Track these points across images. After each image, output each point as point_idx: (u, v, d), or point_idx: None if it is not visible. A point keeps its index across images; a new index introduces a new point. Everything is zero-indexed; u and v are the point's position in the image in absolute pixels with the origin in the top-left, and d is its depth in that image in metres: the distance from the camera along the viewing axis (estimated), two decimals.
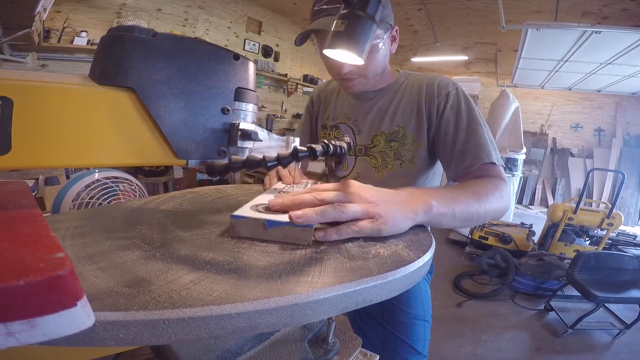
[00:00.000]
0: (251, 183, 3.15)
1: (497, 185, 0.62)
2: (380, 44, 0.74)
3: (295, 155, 0.36)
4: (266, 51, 5.30)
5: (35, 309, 0.16)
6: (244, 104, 0.37)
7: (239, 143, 0.37)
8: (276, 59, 5.49)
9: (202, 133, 0.35)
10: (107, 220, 0.44)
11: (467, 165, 0.67)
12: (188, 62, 0.33)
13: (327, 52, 0.50)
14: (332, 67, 0.75)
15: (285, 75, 5.48)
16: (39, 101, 0.26)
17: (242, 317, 0.24)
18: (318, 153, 0.38)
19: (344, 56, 0.50)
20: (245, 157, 0.36)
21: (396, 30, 0.80)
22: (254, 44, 5.15)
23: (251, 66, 0.38)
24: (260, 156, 0.35)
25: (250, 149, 0.40)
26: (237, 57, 0.36)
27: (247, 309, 0.24)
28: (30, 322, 0.17)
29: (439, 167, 0.83)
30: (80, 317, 0.18)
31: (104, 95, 0.29)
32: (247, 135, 0.37)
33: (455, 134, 0.71)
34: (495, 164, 0.67)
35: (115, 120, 0.30)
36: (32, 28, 2.45)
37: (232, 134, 0.37)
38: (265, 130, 0.41)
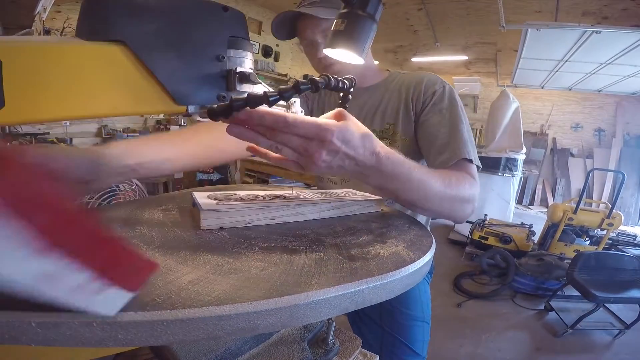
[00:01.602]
0: (251, 183, 3.15)
1: (469, 181, 0.62)
2: None
3: (297, 87, 0.36)
4: (266, 51, 5.30)
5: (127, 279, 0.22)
6: (239, 51, 0.37)
7: (238, 87, 0.37)
8: (276, 59, 5.50)
9: (199, 79, 0.35)
10: (107, 220, 0.44)
11: (445, 160, 0.68)
12: (176, 15, 0.33)
13: (327, 51, 0.50)
14: (312, 55, 0.79)
15: (285, 75, 5.48)
16: (28, 60, 0.27)
17: (242, 317, 0.24)
18: (320, 85, 0.38)
19: (344, 55, 0.50)
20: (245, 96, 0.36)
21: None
22: (254, 44, 5.15)
23: (242, 17, 0.38)
24: (262, 92, 0.35)
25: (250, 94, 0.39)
26: (226, 8, 0.36)
27: (246, 310, 0.24)
28: (104, 286, 0.20)
29: None
30: (119, 299, 0.22)
31: (95, 50, 0.30)
32: (246, 78, 0.37)
33: (437, 129, 0.72)
34: (472, 161, 0.67)
35: (109, 72, 0.30)
36: (32, 28, 2.45)
37: (230, 80, 0.37)
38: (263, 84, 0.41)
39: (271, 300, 0.25)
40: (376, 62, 0.90)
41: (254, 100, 0.34)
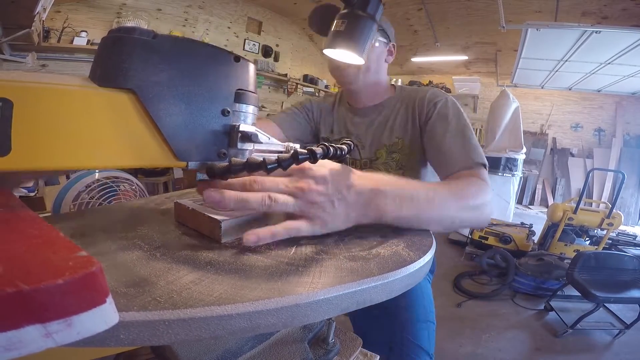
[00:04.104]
0: None
1: (478, 185, 0.60)
2: (381, 46, 0.81)
3: (295, 157, 0.36)
4: (266, 51, 5.30)
5: (71, 307, 0.17)
6: (244, 105, 0.37)
7: (239, 145, 0.37)
8: (276, 59, 5.50)
9: (202, 135, 0.35)
10: (107, 220, 0.44)
11: (457, 169, 0.69)
12: (188, 64, 0.33)
13: (327, 51, 0.50)
14: (330, 60, 0.79)
15: (285, 75, 5.48)
16: (38, 103, 0.26)
17: (243, 317, 0.24)
18: (318, 155, 0.38)
19: (344, 56, 0.50)
20: (245, 160, 0.36)
21: (393, 46, 0.87)
22: (254, 44, 5.15)
23: (251, 67, 0.38)
24: (261, 158, 0.35)
25: (250, 151, 0.40)
26: (237, 58, 0.36)
27: (247, 310, 0.24)
28: (67, 321, 0.17)
29: None
30: (109, 313, 0.19)
31: (104, 97, 0.29)
32: (247, 137, 0.37)
33: (442, 138, 0.74)
34: (482, 165, 0.68)
35: (115, 122, 0.30)
36: (32, 28, 2.45)
37: (232, 136, 0.37)
38: (265, 133, 0.41)
39: (272, 300, 0.25)
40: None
41: (252, 166, 0.35)
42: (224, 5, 4.70)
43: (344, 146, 0.44)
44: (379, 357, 0.53)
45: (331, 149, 0.41)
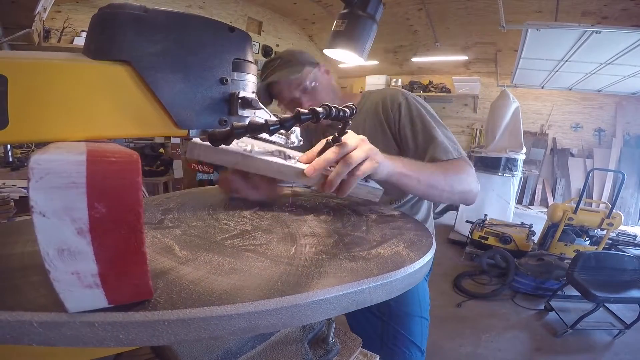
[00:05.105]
0: None
1: (461, 162, 0.70)
2: (312, 84, 0.84)
3: (297, 117, 0.36)
4: (266, 51, 5.30)
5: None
6: (242, 74, 0.37)
7: (240, 112, 0.37)
8: None
9: (202, 103, 0.35)
10: None
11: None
12: (183, 35, 0.33)
13: (328, 51, 0.50)
14: (282, 97, 0.84)
15: None
16: (33, 77, 0.26)
17: (243, 317, 0.24)
18: (321, 115, 0.38)
19: (345, 56, 0.50)
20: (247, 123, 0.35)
21: (322, 65, 0.88)
22: (254, 44, 5.15)
23: (248, 38, 0.38)
24: (263, 120, 0.35)
25: (251, 119, 0.39)
26: (232, 29, 0.36)
27: (247, 310, 0.24)
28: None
29: None
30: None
31: (99, 69, 0.29)
32: (248, 103, 0.37)
33: (413, 140, 0.77)
34: (454, 158, 0.72)
35: (112, 93, 0.30)
36: (32, 28, 2.45)
37: (232, 104, 0.36)
38: (265, 109, 0.40)
39: (272, 300, 0.25)
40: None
41: (255, 128, 0.34)
42: (224, 5, 4.69)
43: (346, 109, 0.44)
44: (378, 357, 0.53)
45: (333, 109, 0.40)
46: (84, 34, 3.32)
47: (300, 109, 0.37)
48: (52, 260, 0.20)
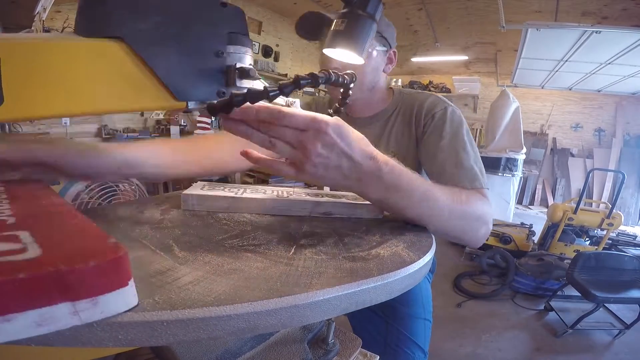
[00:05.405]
0: (251, 183, 3.15)
1: (480, 198, 0.56)
2: (381, 56, 0.77)
3: (297, 82, 0.36)
4: (266, 51, 5.30)
5: (99, 287, 0.19)
6: (238, 47, 0.37)
7: (238, 82, 0.37)
8: (276, 59, 5.49)
9: (199, 75, 0.35)
10: (107, 220, 0.44)
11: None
12: (174, 11, 0.33)
13: (327, 51, 0.50)
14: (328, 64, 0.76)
15: (286, 75, 5.48)
16: (26, 57, 0.27)
17: (242, 318, 0.24)
18: (320, 80, 0.38)
19: (344, 55, 0.50)
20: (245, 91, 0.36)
21: (394, 53, 0.82)
22: (254, 44, 5.14)
23: (241, 13, 0.38)
24: (262, 87, 0.35)
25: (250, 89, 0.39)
26: (224, 4, 0.36)
27: (246, 310, 0.24)
28: (94, 300, 0.19)
29: None
30: (130, 295, 0.21)
31: (93, 46, 0.30)
32: (246, 73, 0.37)
33: (435, 152, 0.69)
34: (478, 189, 0.61)
35: (107, 69, 0.30)
36: (32, 28, 2.45)
37: (229, 75, 0.37)
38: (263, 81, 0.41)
39: (271, 300, 0.25)
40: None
41: (254, 95, 0.34)
42: None
43: (346, 76, 0.43)
44: (378, 357, 0.53)
45: (332, 74, 0.40)
46: None
47: (299, 74, 0.37)
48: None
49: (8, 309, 0.17)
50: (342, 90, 0.48)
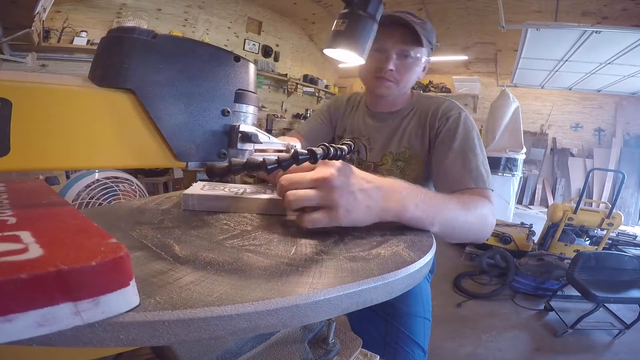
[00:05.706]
0: (251, 183, 3.15)
1: (482, 201, 0.61)
2: (424, 64, 0.83)
3: (295, 157, 0.36)
4: (266, 51, 5.30)
5: (100, 287, 0.19)
6: (244, 105, 0.37)
7: (239, 145, 0.37)
8: (276, 59, 5.50)
9: (202, 135, 0.34)
10: (107, 220, 0.44)
11: (451, 189, 0.68)
12: (188, 64, 0.32)
13: (328, 51, 0.50)
14: (378, 61, 0.79)
15: (285, 75, 5.48)
16: (37, 103, 0.26)
17: (243, 318, 0.24)
18: (318, 156, 0.38)
19: (345, 56, 0.50)
20: (245, 160, 0.36)
21: (428, 61, 0.87)
22: (254, 44, 5.15)
23: (252, 68, 0.38)
24: (261, 158, 0.35)
25: (250, 151, 0.40)
26: (237, 58, 0.35)
27: (247, 310, 0.24)
28: (95, 300, 0.19)
29: None
30: (131, 295, 0.21)
31: (103, 97, 0.29)
32: (247, 138, 0.37)
33: (445, 153, 0.73)
34: (482, 189, 0.66)
35: (115, 122, 0.30)
36: (32, 28, 2.45)
37: (232, 136, 0.36)
38: (265, 133, 0.41)
39: (272, 300, 0.25)
40: None
41: (252, 166, 0.34)
42: (224, 5, 4.70)
43: (344, 147, 0.44)
44: (378, 357, 0.53)
45: (331, 149, 0.41)
46: (84, 34, 3.33)
47: (298, 150, 0.38)
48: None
49: (9, 309, 0.17)
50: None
